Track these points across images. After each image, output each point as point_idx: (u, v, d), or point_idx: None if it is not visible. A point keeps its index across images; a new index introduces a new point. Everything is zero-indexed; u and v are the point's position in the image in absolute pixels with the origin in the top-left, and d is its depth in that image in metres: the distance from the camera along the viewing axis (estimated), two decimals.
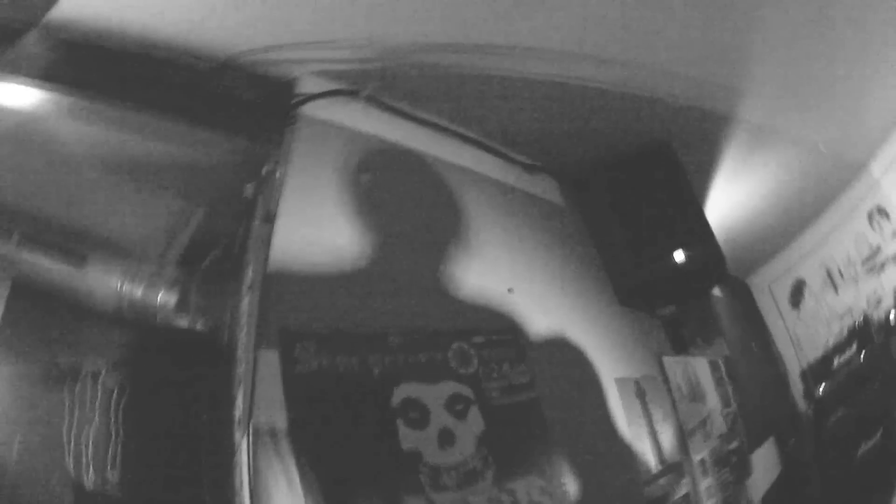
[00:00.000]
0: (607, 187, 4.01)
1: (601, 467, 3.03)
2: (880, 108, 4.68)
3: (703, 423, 4.27)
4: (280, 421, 2.02)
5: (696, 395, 4.32)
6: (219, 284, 2.38)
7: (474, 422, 2.55)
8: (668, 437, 3.75)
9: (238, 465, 1.93)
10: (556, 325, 3.27)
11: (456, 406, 2.52)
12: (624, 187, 3.95)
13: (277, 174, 2.55)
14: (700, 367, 4.58)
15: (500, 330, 2.94)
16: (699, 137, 4.13)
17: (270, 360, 2.10)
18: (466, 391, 2.60)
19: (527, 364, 2.90)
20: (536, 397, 2.85)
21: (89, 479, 1.97)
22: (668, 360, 4.11)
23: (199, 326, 2.34)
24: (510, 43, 2.98)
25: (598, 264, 4.02)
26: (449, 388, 2.55)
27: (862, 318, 5.58)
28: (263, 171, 2.61)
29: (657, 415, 3.71)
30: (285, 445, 2.00)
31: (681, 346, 4.38)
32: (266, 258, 2.30)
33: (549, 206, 3.98)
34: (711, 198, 4.68)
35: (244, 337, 2.19)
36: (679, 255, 3.78)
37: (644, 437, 3.54)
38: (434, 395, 2.48)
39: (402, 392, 2.38)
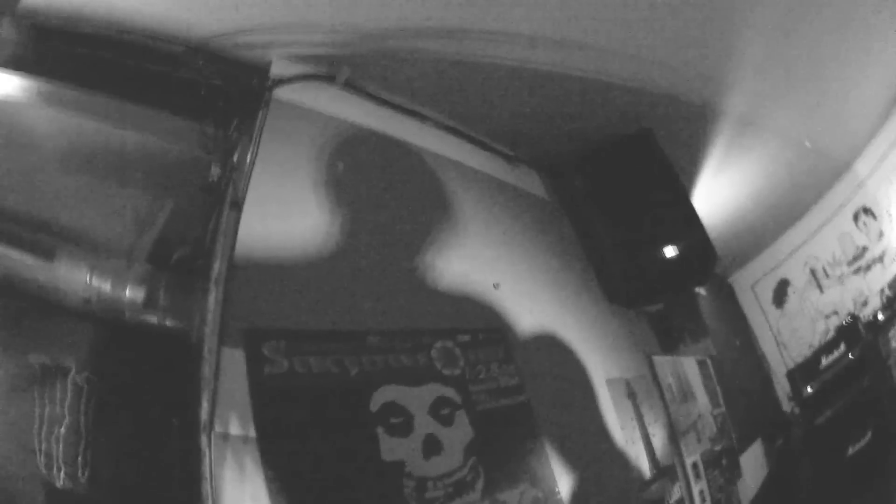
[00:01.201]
0: (589, 178, 3.79)
1: (595, 474, 2.82)
2: (866, 106, 4.57)
3: (695, 424, 4.10)
4: (246, 428, 1.83)
5: (687, 396, 4.14)
6: (189, 281, 2.26)
7: (461, 428, 2.33)
8: (660, 440, 3.56)
9: (203, 475, 1.75)
10: (544, 323, 3.05)
11: (441, 410, 2.30)
12: (607, 178, 3.73)
13: (247, 159, 2.38)
14: (689, 366, 4.41)
15: (487, 328, 2.71)
16: (682, 129, 3.97)
17: (235, 361, 1.92)
18: (452, 394, 2.38)
19: (516, 365, 2.66)
20: (526, 401, 2.61)
21: (60, 479, 1.92)
22: (658, 360, 3.92)
23: (168, 324, 2.22)
24: (490, 28, 2.85)
25: (584, 259, 3.81)
26: (433, 390, 2.33)
27: (850, 318, 5.45)
28: (235, 157, 2.48)
29: (649, 416, 3.52)
30: (252, 455, 1.80)
31: (669, 345, 4.20)
32: (232, 248, 2.11)
33: (533, 199, 3.77)
34: (694, 193, 4.46)
35: (209, 334, 2.00)
36: (670, 251, 3.58)
37: (637, 440, 3.35)
38: (417, 398, 2.26)
39: (382, 396, 2.17)
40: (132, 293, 2.19)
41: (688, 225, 3.65)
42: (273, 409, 1.90)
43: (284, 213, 2.33)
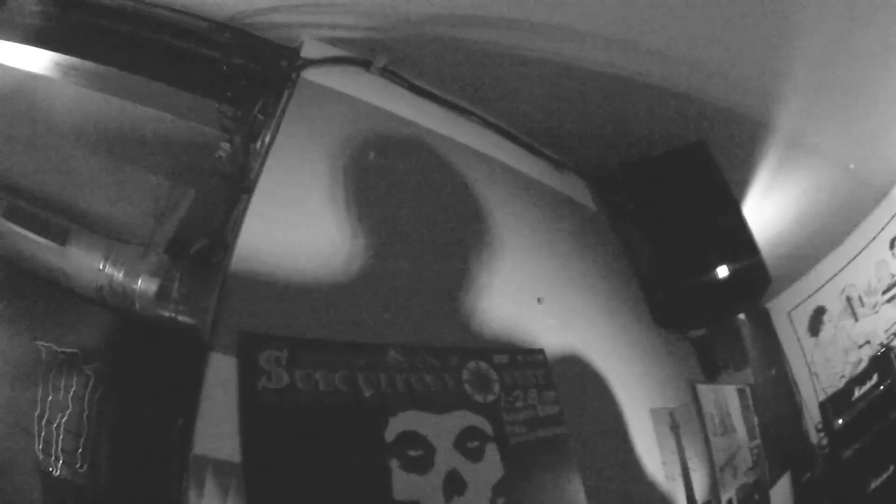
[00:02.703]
0: (638, 190, 3.32)
1: None
2: None
3: (733, 457, 3.67)
4: (232, 452, 1.47)
5: (727, 427, 3.70)
6: (205, 275, 2.07)
7: (491, 463, 1.90)
8: (699, 476, 3.12)
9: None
10: (588, 345, 2.61)
11: (469, 443, 1.88)
12: (657, 191, 3.26)
13: (266, 140, 2.11)
14: (730, 395, 3.97)
15: (527, 348, 2.26)
16: (734, 145, 3.56)
17: (226, 370, 1.56)
18: (483, 424, 1.95)
19: (556, 391, 2.19)
20: (566, 434, 2.13)
21: (57, 468, 1.82)
22: (702, 388, 3.45)
23: (180, 319, 2.04)
24: (541, 21, 2.52)
25: (630, 276, 3.35)
26: (461, 419, 1.91)
27: (883, 348, 5.01)
28: (258, 142, 2.27)
29: (690, 450, 3.08)
30: (237, 486, 1.44)
31: (712, 372, 3.69)
32: (236, 237, 1.78)
33: (580, 209, 3.34)
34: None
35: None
36: (723, 271, 3.10)
37: (677, 476, 2.94)
38: (442, 428, 1.84)
39: (400, 423, 1.76)
40: (145, 284, 2.03)
41: (743, 245, 3.18)
42: (265, 432, 1.53)
43: (301, 203, 1.96)
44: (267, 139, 2.11)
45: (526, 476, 1.95)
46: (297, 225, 1.88)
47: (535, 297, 2.45)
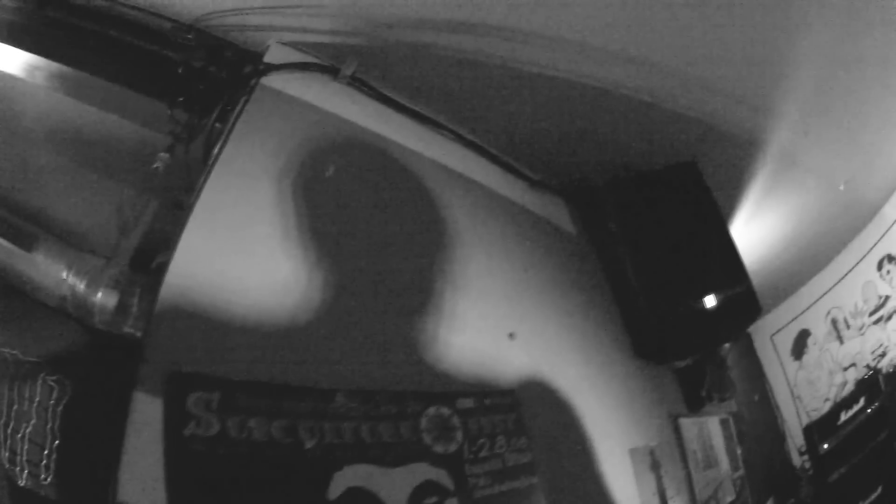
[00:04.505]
0: (622, 211, 3.13)
1: None
2: None
3: (716, 491, 3.47)
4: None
5: (710, 461, 3.54)
6: None
7: None
8: None
9: None
10: (564, 383, 2.41)
11: (425, 500, 1.69)
12: (642, 213, 3.09)
13: (214, 151, 1.95)
14: (713, 427, 3.81)
15: (496, 390, 2.05)
16: (724, 164, 3.44)
17: (151, 414, 1.40)
18: (443, 478, 1.75)
19: (528, 437, 1.98)
20: (535, 485, 1.92)
21: (23, 478, 1.72)
22: (685, 423, 3.28)
23: (138, 335, 1.87)
24: (522, 28, 2.38)
25: (610, 303, 3.15)
26: (418, 473, 1.71)
27: (870, 371, 4.93)
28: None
29: (671, 489, 2.91)
30: None
31: (696, 404, 3.51)
32: (168, 261, 1.63)
33: (557, 231, 3.14)
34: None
35: None
36: (710, 300, 2.93)
37: None
38: (394, 483, 1.65)
39: (346, 478, 1.57)
40: (104, 297, 1.93)
41: (732, 273, 3.03)
42: (191, 485, 1.37)
43: (245, 226, 1.76)
44: (216, 148, 1.94)
45: None
46: (239, 250, 1.69)
47: (507, 332, 2.26)
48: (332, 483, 1.52)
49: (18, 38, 2.09)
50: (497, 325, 2.26)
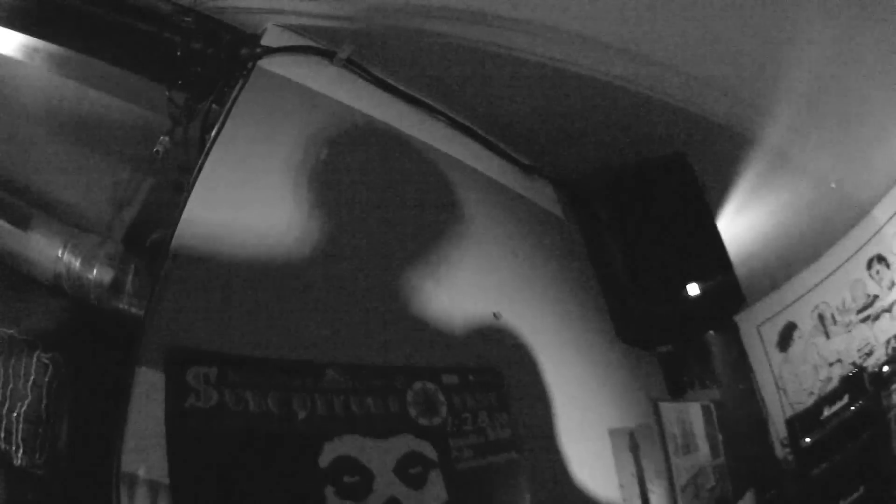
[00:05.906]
0: (612, 201, 3.23)
1: None
2: (893, 154, 4.17)
3: (695, 477, 3.58)
4: (160, 472, 1.38)
5: (690, 446, 3.63)
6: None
7: (434, 490, 1.79)
8: (659, 498, 3.04)
9: None
10: (547, 363, 2.49)
11: (410, 469, 1.77)
12: (631, 202, 3.17)
13: (212, 133, 1.97)
14: (694, 412, 3.89)
15: (481, 367, 2.15)
16: (715, 157, 3.50)
17: (153, 387, 1.46)
18: (427, 449, 1.84)
19: (510, 413, 2.07)
20: (518, 460, 2.02)
21: (18, 458, 1.77)
22: (665, 407, 3.37)
23: (133, 312, 1.98)
24: (518, 16, 2.42)
25: (597, 290, 3.23)
26: (403, 444, 1.80)
27: (855, 368, 4.99)
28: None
29: (649, 471, 3.00)
30: None
31: (678, 389, 3.61)
32: (170, 240, 1.66)
33: (548, 217, 3.21)
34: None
35: None
36: (693, 289, 3.01)
37: (635, 498, 2.84)
38: (381, 453, 1.73)
39: (336, 448, 1.65)
40: (99, 274, 1.97)
41: (717, 263, 3.11)
42: (192, 453, 1.44)
43: (243, 203, 1.83)
44: (213, 130, 1.97)
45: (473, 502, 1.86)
46: (238, 228, 1.75)
47: (492, 312, 2.34)
48: (323, 452, 1.60)
49: (18, 21, 2.09)
50: (482, 304, 2.32)
